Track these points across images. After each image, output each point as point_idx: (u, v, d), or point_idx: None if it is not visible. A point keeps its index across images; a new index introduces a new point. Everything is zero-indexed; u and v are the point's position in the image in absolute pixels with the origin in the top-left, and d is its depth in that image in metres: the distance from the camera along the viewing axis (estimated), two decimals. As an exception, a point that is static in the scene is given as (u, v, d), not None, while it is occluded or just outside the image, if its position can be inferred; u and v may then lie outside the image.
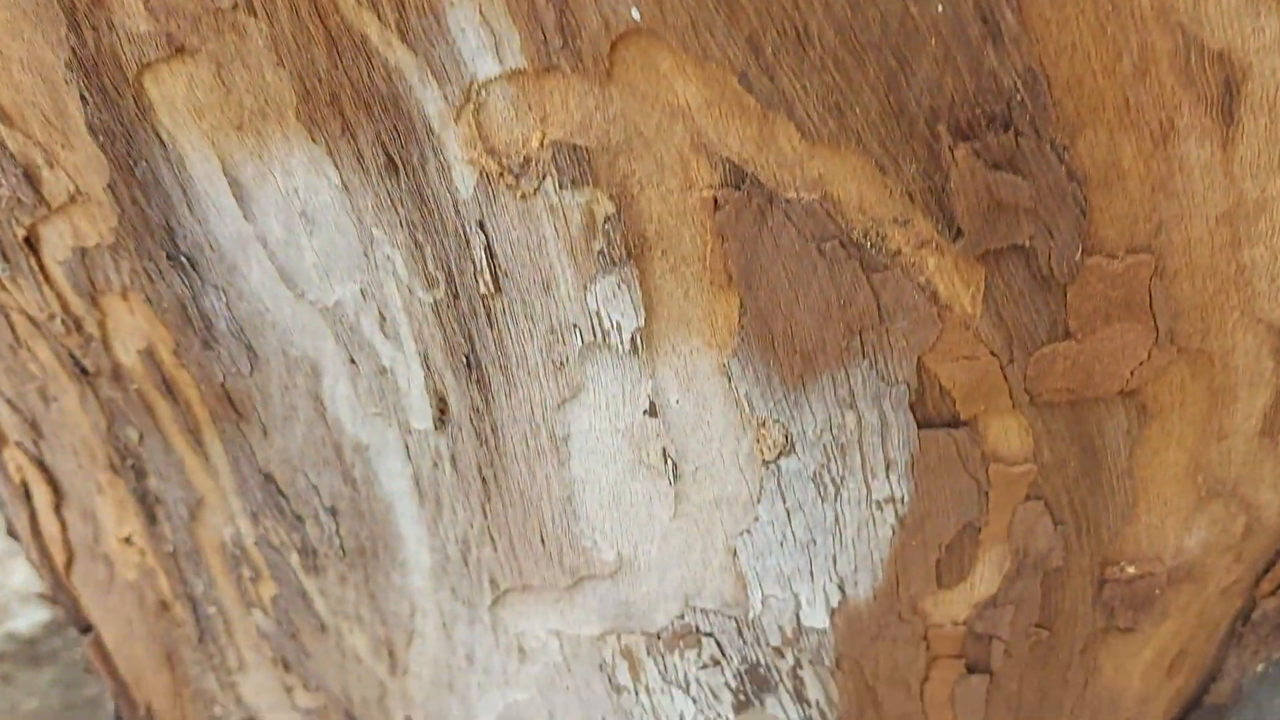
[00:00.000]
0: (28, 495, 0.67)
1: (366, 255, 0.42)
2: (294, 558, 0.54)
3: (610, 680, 0.51)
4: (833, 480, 0.42)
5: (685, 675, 0.50)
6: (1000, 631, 0.47)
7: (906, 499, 0.42)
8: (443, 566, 0.51)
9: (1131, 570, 0.45)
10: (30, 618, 1.41)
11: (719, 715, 0.51)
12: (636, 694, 0.51)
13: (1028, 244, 0.36)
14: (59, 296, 0.50)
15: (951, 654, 0.48)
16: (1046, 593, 0.46)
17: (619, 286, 0.38)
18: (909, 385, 0.39)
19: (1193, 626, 0.50)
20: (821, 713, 0.50)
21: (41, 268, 0.50)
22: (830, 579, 0.45)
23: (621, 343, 0.40)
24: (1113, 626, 0.47)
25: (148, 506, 0.59)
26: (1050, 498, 0.43)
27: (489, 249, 0.39)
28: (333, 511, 0.51)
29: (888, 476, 0.42)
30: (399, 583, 0.53)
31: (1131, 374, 0.39)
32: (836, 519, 0.43)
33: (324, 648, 0.58)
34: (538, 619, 0.51)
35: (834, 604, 0.46)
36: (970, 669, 0.48)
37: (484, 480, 0.47)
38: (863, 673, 0.49)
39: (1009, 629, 0.47)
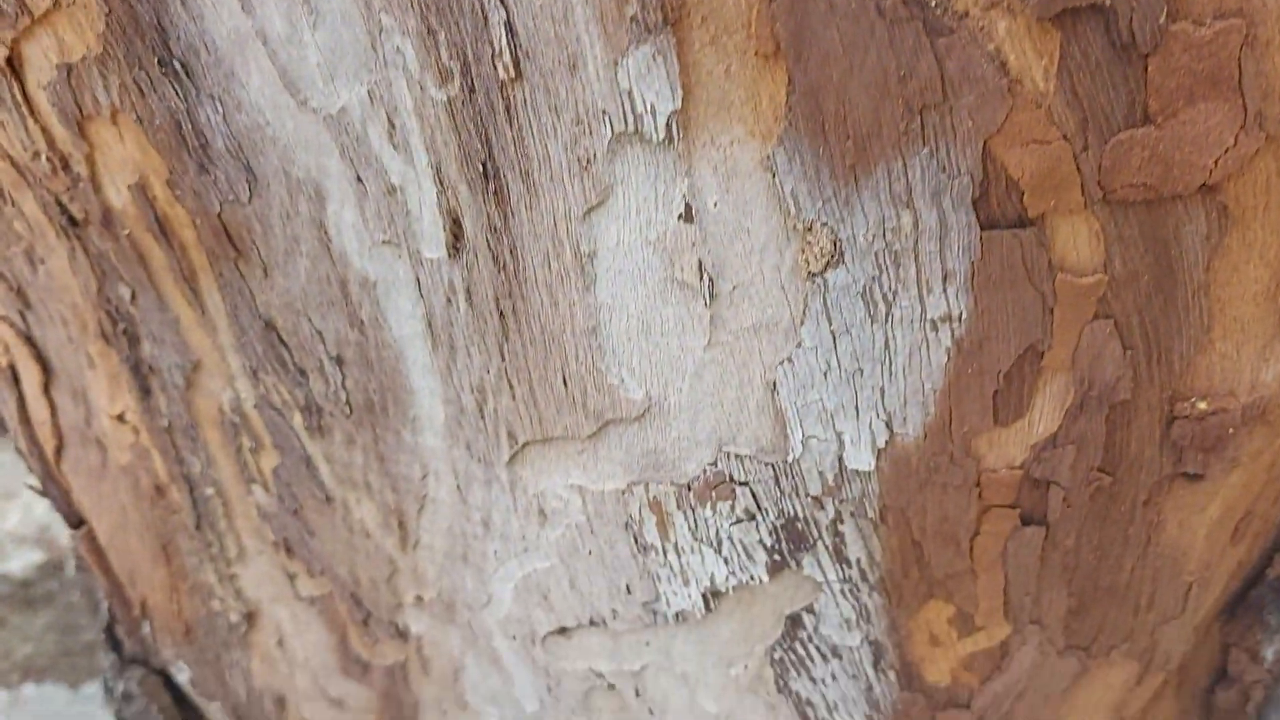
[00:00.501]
0: (15, 379, 0.63)
1: (374, 49, 0.38)
2: (297, 419, 0.51)
3: (636, 540, 0.48)
4: (884, 296, 0.39)
5: (717, 532, 0.47)
6: (1059, 476, 0.43)
7: (964, 317, 0.39)
8: (457, 420, 0.47)
9: (1203, 406, 0.42)
10: (24, 559, 1.37)
11: (752, 577, 0.48)
12: (664, 554, 0.48)
13: (1108, 2, 0.33)
14: (44, 130, 0.47)
15: (1005, 503, 0.44)
16: (1111, 431, 0.42)
17: (654, 59, 0.35)
18: (972, 177, 0.36)
19: (1261, 482, 0.46)
20: (862, 573, 0.47)
21: (25, 97, 0.46)
22: (877, 415, 0.42)
23: (655, 130, 0.36)
24: (1180, 473, 0.44)
25: (141, 377, 0.56)
26: (1120, 317, 0.39)
27: (509, 25, 0.36)
28: (338, 361, 0.48)
29: (944, 290, 0.38)
30: (410, 442, 0.49)
31: (1215, 164, 0.36)
32: (887, 343, 0.40)
33: (329, 523, 0.55)
34: (559, 475, 0.47)
35: (880, 444, 0.43)
36: (1025, 521, 0.45)
37: (502, 314, 0.43)
38: (908, 526, 0.45)
39: (1069, 473, 0.43)
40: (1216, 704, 0.60)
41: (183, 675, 0.70)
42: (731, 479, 0.45)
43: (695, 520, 0.46)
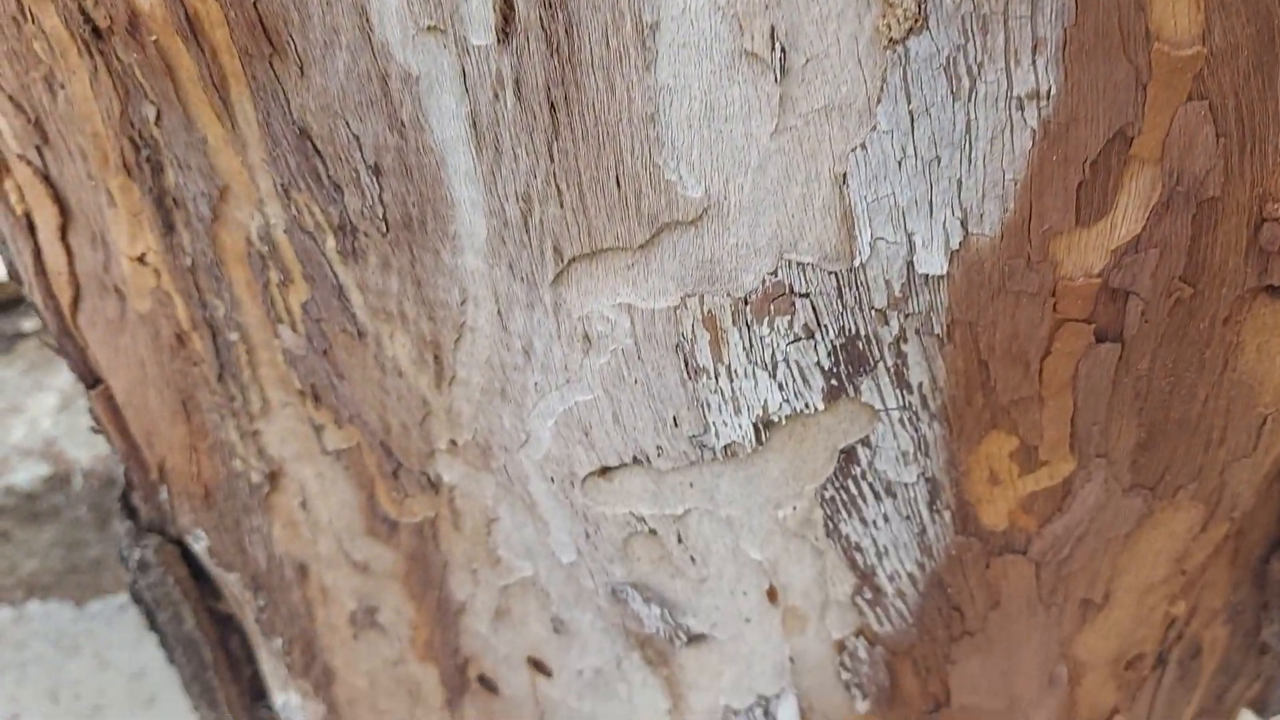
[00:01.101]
0: (31, 228, 0.61)
1: None
2: (330, 243, 0.49)
3: (686, 364, 0.46)
4: (969, 69, 0.36)
5: (773, 353, 0.44)
6: (1139, 285, 0.41)
7: (1053, 93, 0.37)
8: (500, 235, 0.45)
9: (1295, 207, 0.39)
10: (30, 472, 1.36)
11: (807, 405, 0.46)
12: (716, 377, 0.46)
13: None
14: (65, -82, 0.44)
15: (1080, 317, 0.42)
16: (1196, 235, 0.40)
17: None
18: (1072, -75, 0.33)
19: (1343, 307, 0.44)
20: (923, 399, 0.45)
21: (45, -117, 0.44)
22: (953, 211, 0.40)
23: None
24: (1264, 286, 0.42)
25: (165, 211, 0.53)
26: (1215, 99, 0.37)
27: None
28: (376, 171, 0.45)
29: (1034, 62, 0.36)
30: (449, 264, 0.47)
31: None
32: (968, 125, 0.38)
33: (360, 363, 0.53)
34: (606, 293, 0.45)
35: (954, 245, 0.40)
36: (1100, 338, 0.43)
37: (553, 107, 0.41)
38: (976, 344, 0.43)
39: (1149, 282, 0.41)
40: (1271, 575, 0.58)
41: (200, 544, 0.68)
42: (792, 290, 0.43)
43: (751, 339, 0.44)
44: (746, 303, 0.43)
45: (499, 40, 0.40)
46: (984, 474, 0.48)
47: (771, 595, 0.53)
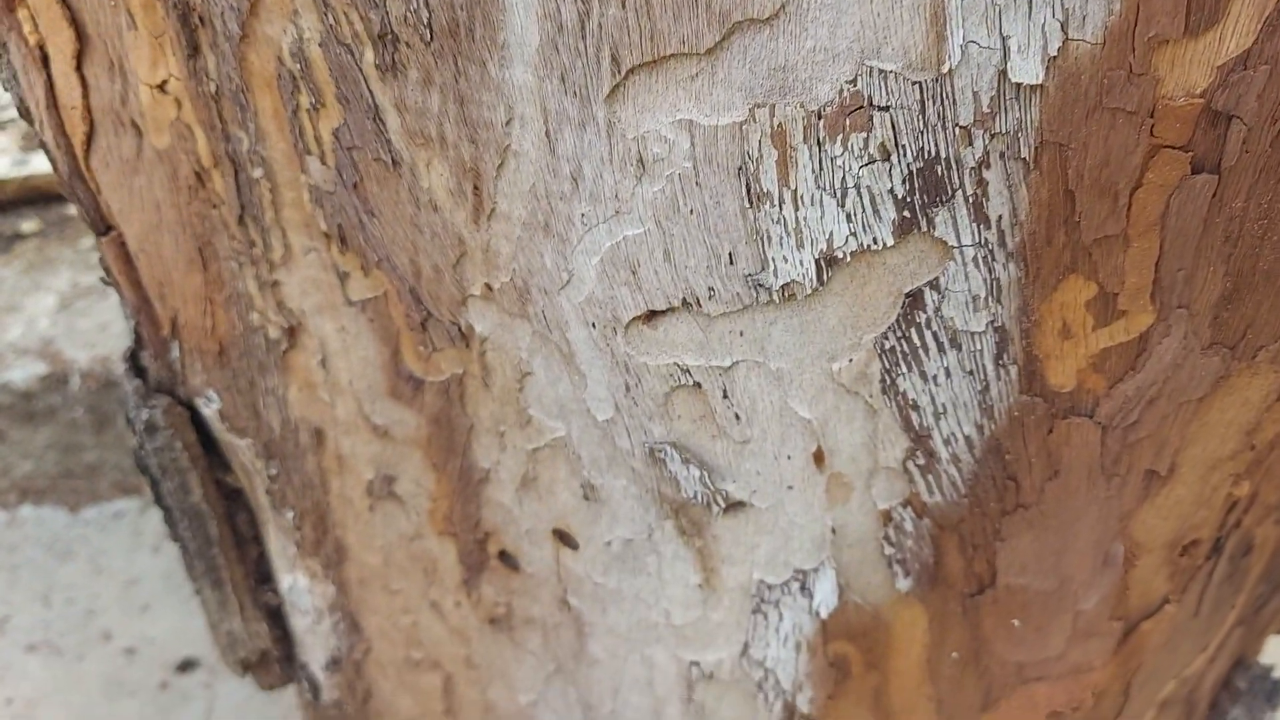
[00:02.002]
0: (44, 59, 0.58)
1: None
2: (368, 56, 0.46)
3: (749, 190, 0.43)
4: None
5: (844, 177, 0.42)
6: (1243, 108, 0.38)
7: None
8: (553, 42, 0.42)
9: None
10: (26, 370, 1.33)
11: (875, 239, 0.43)
12: (780, 204, 0.43)
13: None
14: None
15: (1178, 143, 0.39)
16: (1313, 50, 0.37)
17: None
18: None
19: None
20: (1001, 235, 0.42)
21: None
22: (1054, 11, 0.37)
23: None
24: (1378, 115, 0.39)
25: (189, 31, 0.50)
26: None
27: None
28: (423, -33, 0.42)
29: None
30: (495, 78, 0.44)
31: None
32: (1080, -93, 0.35)
33: (392, 196, 0.50)
34: (665, 109, 0.42)
35: (1052, 50, 0.37)
36: (1196, 168, 0.40)
37: (624, -112, 0.38)
38: (1064, 170, 0.40)
39: (1255, 104, 0.38)
40: (1329, 469, 0.56)
41: (211, 407, 0.65)
42: (871, 103, 0.40)
43: (821, 160, 0.41)
44: (820, 117, 0.40)
45: None
46: (1056, 325, 0.45)
47: (818, 459, 0.50)
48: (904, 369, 0.47)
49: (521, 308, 0.51)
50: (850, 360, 0.47)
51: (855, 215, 0.43)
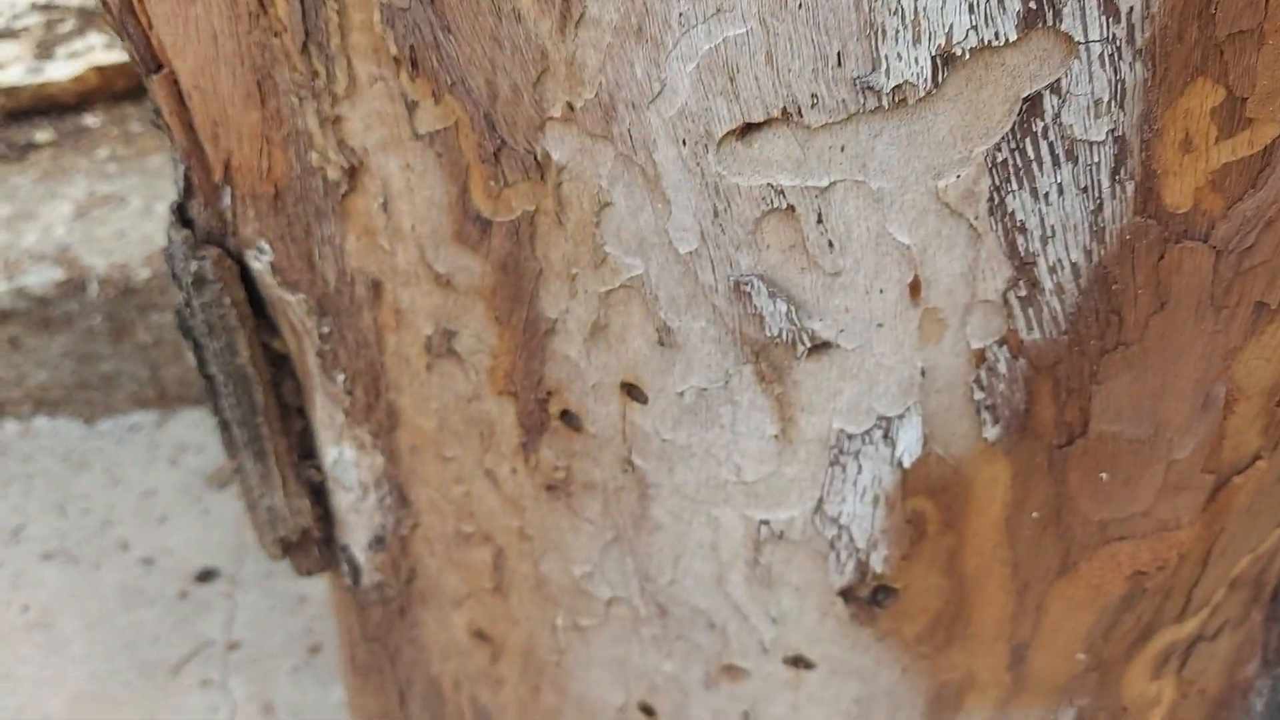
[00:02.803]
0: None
1: None
2: None
3: (866, -22, 0.40)
4: None
5: (970, -40, 0.39)
6: None
7: None
8: None
9: None
10: (43, 275, 1.30)
11: (997, 34, 0.41)
12: (900, -9, 0.40)
13: None
14: None
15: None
16: None
17: None
18: None
19: None
20: (1130, 30, 0.40)
21: None
22: None
23: None
24: None
25: None
26: None
27: None
28: None
29: None
30: None
31: None
32: None
33: (472, 8, 0.47)
34: (782, -112, 0.40)
35: None
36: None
37: None
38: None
39: None
40: None
41: (263, 259, 0.63)
42: (1007, -128, 0.37)
43: (948, -60, 0.39)
44: (950, -110, 0.38)
45: None
46: (1178, 137, 0.43)
47: (914, 290, 0.48)
48: (1014, 185, 0.45)
49: (605, 128, 0.48)
50: (958, 176, 0.45)
51: (979, 5, 0.40)
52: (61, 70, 1.41)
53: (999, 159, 0.44)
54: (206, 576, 1.22)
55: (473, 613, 0.75)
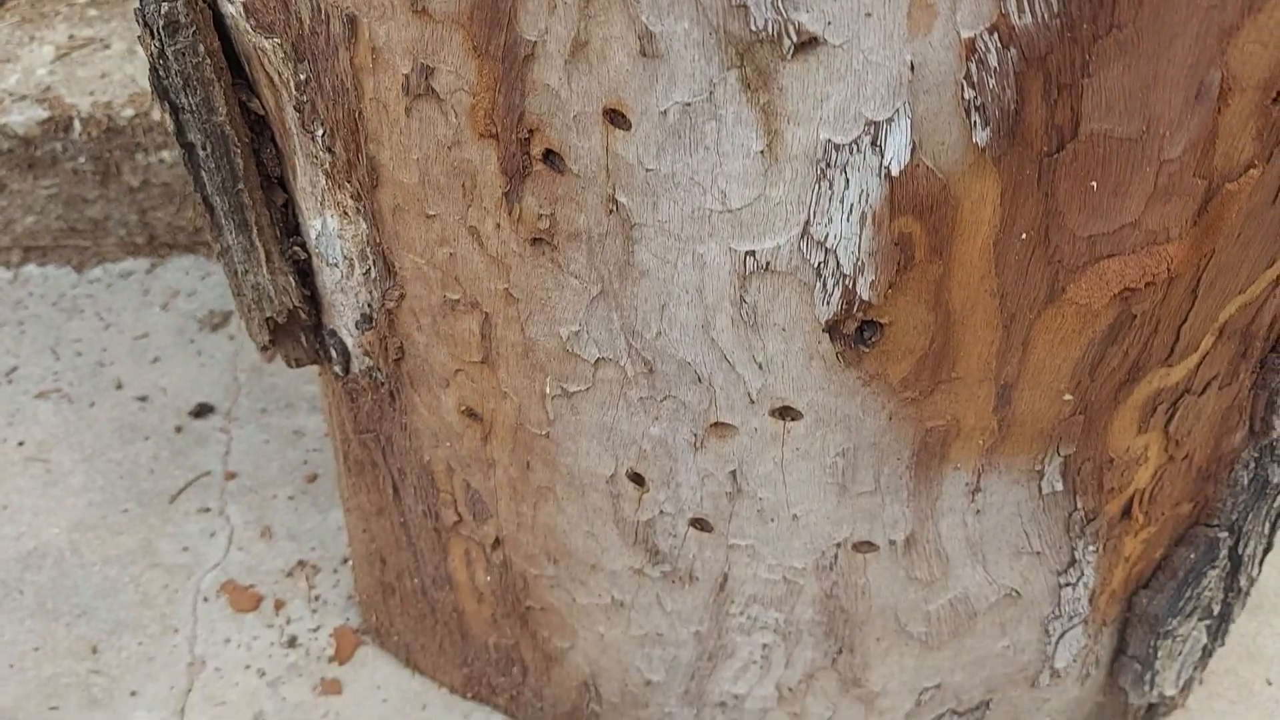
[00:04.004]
0: None
1: None
2: None
3: None
4: None
5: None
6: None
7: None
8: None
9: None
10: (26, 114, 1.28)
11: None
12: None
13: None
14: None
15: None
16: None
17: None
18: None
19: None
20: None
21: None
22: None
23: None
24: None
25: None
26: None
27: None
28: None
29: None
30: None
31: None
32: None
33: None
34: None
35: None
36: None
37: None
38: None
39: None
40: None
41: (237, 2, 0.61)
42: None
43: None
44: None
45: None
46: None
47: (901, -29, 0.47)
48: None
49: None
50: None
51: None
52: (35, -90, 1.38)
53: None
54: (202, 412, 1.23)
55: (462, 390, 0.75)
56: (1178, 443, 0.71)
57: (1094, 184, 0.53)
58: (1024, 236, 0.56)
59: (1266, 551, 0.86)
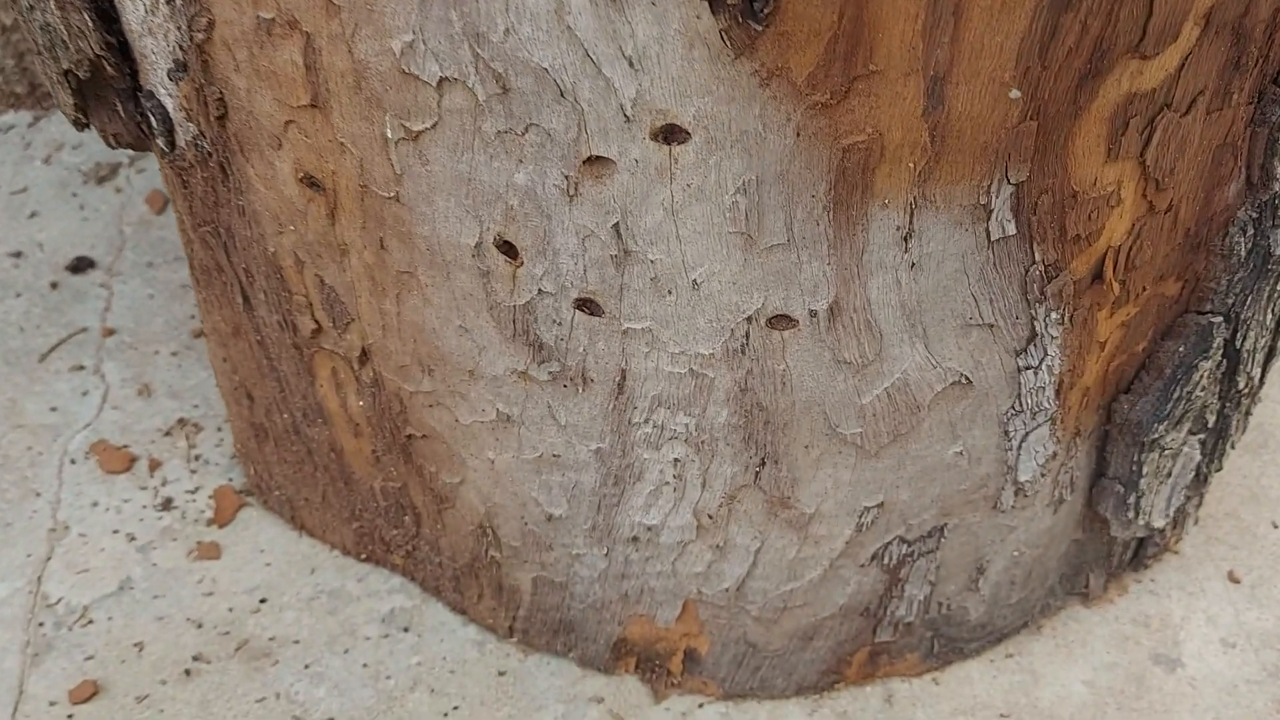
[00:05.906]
0: None
1: None
2: None
3: None
4: None
5: None
6: None
7: None
8: None
9: None
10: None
11: None
12: None
13: None
14: None
15: None
16: None
17: None
18: None
19: None
20: None
21: None
22: None
23: None
24: None
25: None
26: None
27: None
28: None
29: None
30: None
31: None
32: None
33: None
34: None
35: None
36: None
37: None
38: None
39: None
40: None
41: None
42: None
43: None
44: None
45: None
46: None
47: None
48: None
49: None
50: None
51: None
52: None
53: None
54: (81, 267, 1.10)
55: (297, 151, 0.63)
56: (1158, 184, 0.59)
57: None
58: None
59: (1271, 353, 0.74)
